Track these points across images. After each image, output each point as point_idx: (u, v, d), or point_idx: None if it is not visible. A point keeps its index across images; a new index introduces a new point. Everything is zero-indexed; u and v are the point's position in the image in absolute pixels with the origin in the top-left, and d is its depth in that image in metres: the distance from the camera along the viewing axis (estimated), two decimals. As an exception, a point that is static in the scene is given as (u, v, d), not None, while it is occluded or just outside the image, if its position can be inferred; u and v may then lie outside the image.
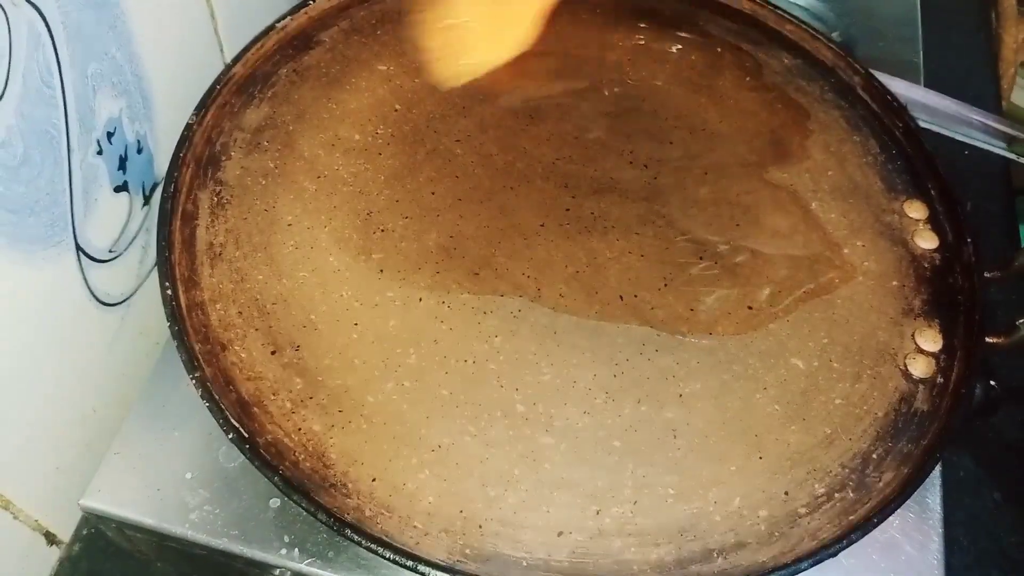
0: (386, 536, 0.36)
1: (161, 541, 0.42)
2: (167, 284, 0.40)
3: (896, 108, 0.52)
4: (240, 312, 0.41)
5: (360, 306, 0.42)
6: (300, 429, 0.39)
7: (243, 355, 0.40)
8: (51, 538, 0.48)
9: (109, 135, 0.45)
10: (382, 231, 0.45)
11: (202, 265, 0.42)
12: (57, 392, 0.46)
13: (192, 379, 0.38)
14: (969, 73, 0.70)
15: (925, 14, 0.70)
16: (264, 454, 0.37)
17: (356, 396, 0.40)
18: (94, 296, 0.47)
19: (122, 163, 0.46)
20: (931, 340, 0.44)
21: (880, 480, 0.40)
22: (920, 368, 0.43)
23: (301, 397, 0.39)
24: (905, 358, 0.44)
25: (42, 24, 0.38)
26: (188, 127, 0.45)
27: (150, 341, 0.53)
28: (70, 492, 0.44)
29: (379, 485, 0.37)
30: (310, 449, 0.38)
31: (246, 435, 0.37)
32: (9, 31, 0.36)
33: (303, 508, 0.36)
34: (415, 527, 0.37)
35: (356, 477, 0.38)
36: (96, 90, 0.43)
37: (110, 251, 0.47)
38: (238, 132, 0.47)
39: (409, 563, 0.35)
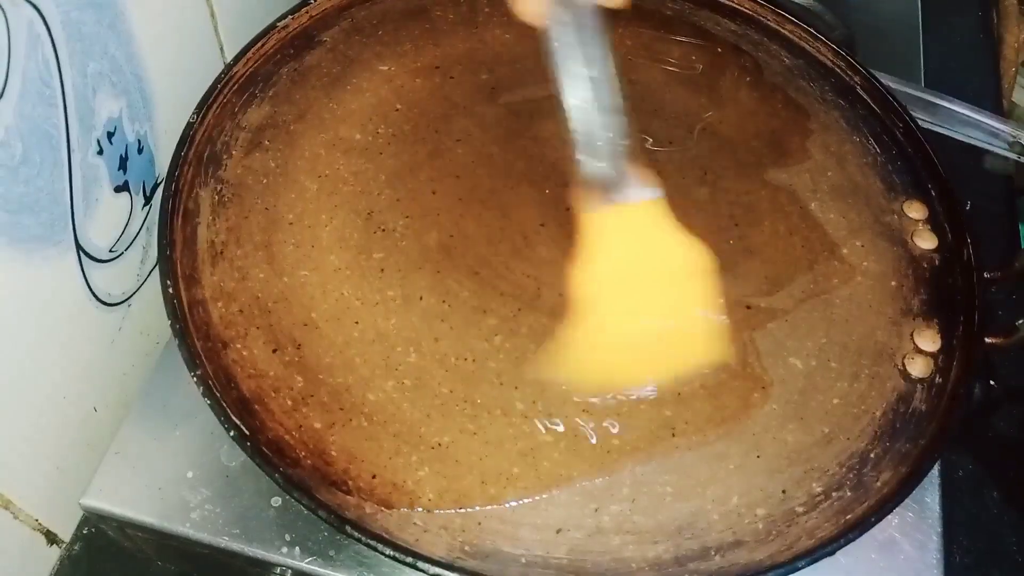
0: (386, 533, 0.36)
1: (162, 540, 0.42)
2: (168, 282, 0.41)
3: (897, 108, 0.53)
4: (241, 310, 0.42)
5: (361, 305, 0.43)
6: (301, 427, 0.39)
7: (244, 353, 0.40)
8: (51, 537, 0.48)
9: (109, 135, 0.45)
10: (383, 230, 0.45)
11: (203, 263, 0.43)
12: (57, 391, 0.46)
13: (193, 377, 0.38)
14: (969, 73, 0.70)
15: (925, 14, 0.70)
16: (265, 451, 0.37)
17: (356, 394, 0.40)
18: (95, 296, 0.47)
19: (122, 163, 0.46)
20: (930, 340, 0.44)
21: (878, 479, 0.40)
22: (919, 368, 0.43)
23: (302, 395, 0.40)
24: (904, 358, 0.44)
25: (41, 23, 0.38)
26: (189, 126, 0.46)
27: (150, 340, 0.53)
28: (70, 491, 0.44)
29: (379, 482, 0.38)
30: (311, 447, 0.38)
31: (247, 433, 0.38)
32: (8, 30, 0.36)
33: (304, 505, 0.36)
34: (415, 524, 0.37)
35: (356, 474, 0.38)
36: (96, 90, 0.43)
37: (111, 251, 0.48)
38: (239, 131, 0.47)
39: (408, 560, 0.35)
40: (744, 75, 0.55)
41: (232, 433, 0.37)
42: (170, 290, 0.41)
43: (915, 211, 0.49)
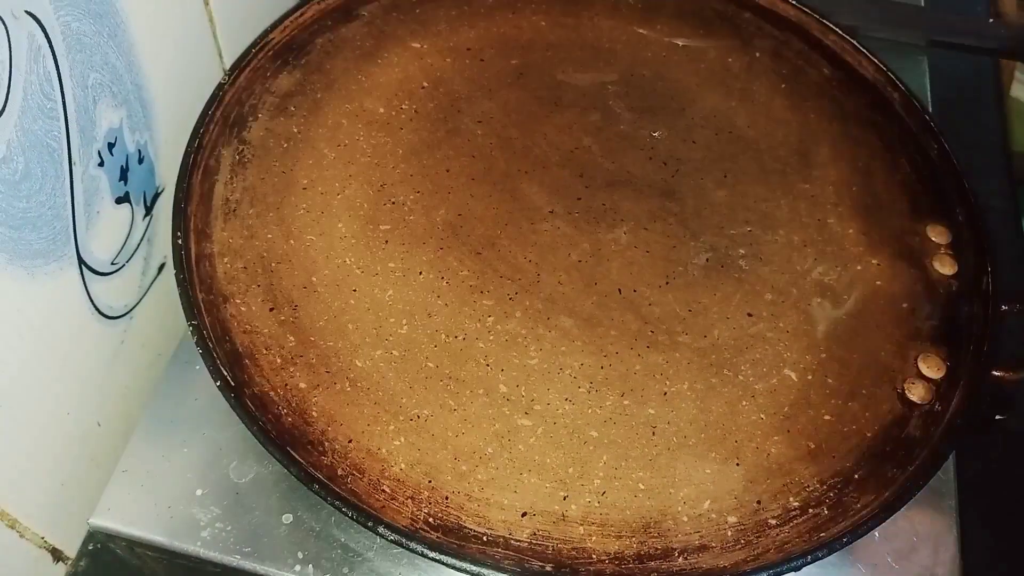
0: (352, 496, 0.37)
1: (172, 559, 0.42)
2: (179, 234, 0.42)
3: (933, 129, 0.51)
4: (245, 267, 0.43)
5: (361, 273, 0.43)
6: (287, 385, 0.40)
7: (242, 308, 0.42)
8: (57, 555, 0.47)
9: (110, 146, 0.44)
10: (392, 203, 0.46)
11: (216, 219, 0.44)
12: (61, 407, 0.45)
13: (190, 326, 0.40)
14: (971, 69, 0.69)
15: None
16: (248, 405, 0.38)
17: (344, 359, 0.41)
18: (97, 309, 0.46)
19: (123, 174, 0.46)
20: (934, 367, 0.43)
21: (858, 501, 0.39)
22: (918, 393, 0.42)
23: (292, 354, 0.41)
24: (904, 382, 0.43)
25: (42, 35, 0.37)
26: (220, 86, 0.47)
27: (153, 353, 0.52)
28: (76, 508, 0.44)
29: (354, 447, 0.38)
30: (293, 405, 0.39)
31: (233, 384, 0.39)
32: (9, 43, 0.35)
33: (277, 460, 0.37)
34: (383, 491, 0.37)
35: (333, 436, 0.39)
36: (96, 100, 0.42)
37: (112, 263, 0.47)
38: (268, 95, 0.49)
39: (370, 524, 0.35)
40: (780, 82, 0.54)
41: (219, 383, 0.38)
42: (180, 241, 0.42)
43: (938, 235, 0.48)
